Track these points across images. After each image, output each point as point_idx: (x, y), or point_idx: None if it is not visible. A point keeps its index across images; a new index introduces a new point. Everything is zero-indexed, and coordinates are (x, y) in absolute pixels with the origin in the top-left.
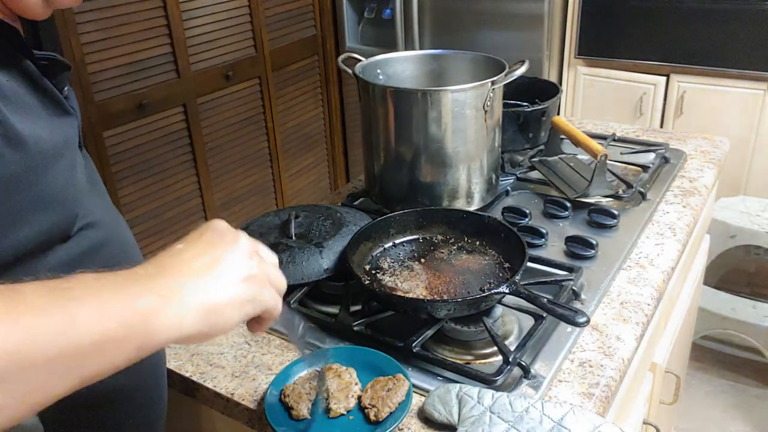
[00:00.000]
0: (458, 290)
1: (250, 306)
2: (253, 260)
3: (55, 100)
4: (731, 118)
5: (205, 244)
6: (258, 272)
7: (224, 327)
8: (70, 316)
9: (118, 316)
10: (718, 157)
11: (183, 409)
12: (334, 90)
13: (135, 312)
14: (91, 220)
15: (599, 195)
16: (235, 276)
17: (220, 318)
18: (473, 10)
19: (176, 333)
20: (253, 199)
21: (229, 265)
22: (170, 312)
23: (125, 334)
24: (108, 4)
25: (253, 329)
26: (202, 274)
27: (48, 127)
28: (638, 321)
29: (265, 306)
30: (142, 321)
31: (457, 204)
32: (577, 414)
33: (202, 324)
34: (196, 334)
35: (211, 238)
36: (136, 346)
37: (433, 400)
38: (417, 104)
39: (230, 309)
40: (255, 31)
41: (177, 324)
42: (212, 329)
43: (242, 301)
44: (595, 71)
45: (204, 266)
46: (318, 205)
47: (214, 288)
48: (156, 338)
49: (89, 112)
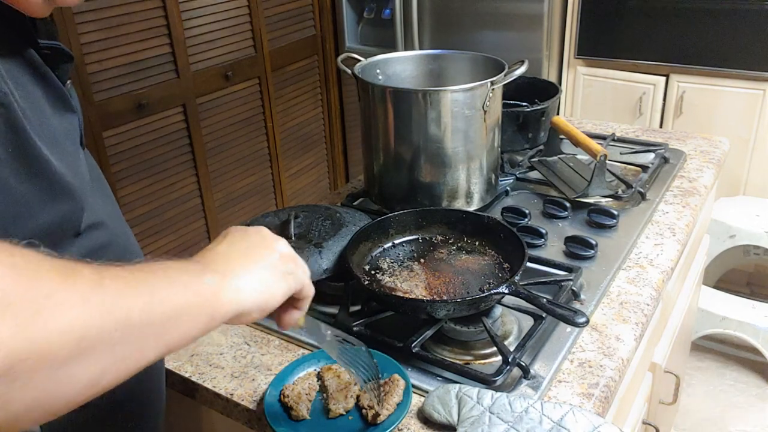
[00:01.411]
0: (458, 290)
1: (292, 278)
2: (280, 241)
3: (58, 93)
4: (731, 118)
5: (234, 238)
6: (288, 251)
7: (276, 298)
8: (151, 288)
9: (190, 288)
10: (717, 157)
11: (183, 410)
12: (333, 90)
13: (203, 285)
14: (96, 220)
15: (599, 195)
16: (271, 255)
17: (271, 289)
18: (473, 10)
19: (238, 305)
20: (253, 199)
21: (264, 248)
22: (230, 286)
23: (199, 304)
24: (108, 4)
25: (285, 320)
26: (245, 257)
27: (53, 118)
28: (638, 321)
29: (301, 281)
30: (212, 293)
31: (456, 204)
32: (576, 414)
33: (258, 296)
34: (254, 307)
35: (235, 234)
36: (208, 316)
37: (432, 401)
38: (416, 104)
39: (277, 280)
40: (254, 31)
41: (237, 296)
42: (267, 301)
43: (284, 273)
44: (595, 71)
45: (243, 252)
46: (317, 206)
47: (259, 265)
48: (223, 308)
49: (89, 112)
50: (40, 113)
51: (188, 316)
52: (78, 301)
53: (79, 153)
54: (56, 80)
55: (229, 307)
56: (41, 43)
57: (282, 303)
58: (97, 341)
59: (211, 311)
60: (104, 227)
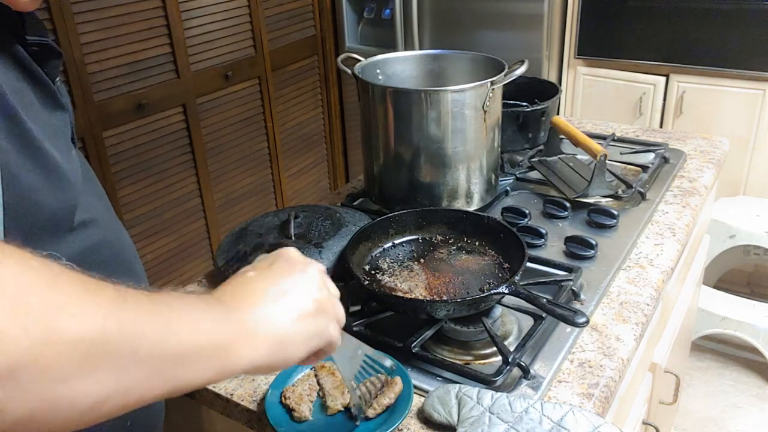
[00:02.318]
0: (458, 290)
1: (317, 340)
2: (323, 293)
3: (47, 90)
4: (731, 118)
5: (276, 274)
6: (327, 306)
7: (291, 360)
8: (169, 321)
9: (208, 334)
10: (717, 157)
11: (183, 410)
12: (333, 90)
13: (221, 336)
14: (89, 217)
15: (599, 195)
16: (305, 309)
17: (288, 352)
18: (473, 10)
19: (249, 364)
20: (253, 199)
21: (299, 297)
22: (246, 345)
23: (212, 353)
24: (108, 4)
25: (308, 361)
26: (275, 305)
27: (43, 114)
28: (638, 321)
29: (329, 340)
30: (225, 346)
31: (456, 204)
32: (576, 414)
33: (272, 356)
34: (265, 366)
35: (281, 267)
36: (218, 367)
37: (432, 401)
38: (416, 104)
39: (298, 344)
40: (254, 31)
41: (250, 356)
42: (280, 362)
43: (311, 335)
44: (595, 71)
45: (276, 296)
46: (317, 206)
47: (286, 321)
48: (233, 366)
49: (89, 112)
50: (31, 109)
51: (199, 361)
52: (94, 314)
53: (71, 150)
54: (45, 77)
55: (240, 364)
56: (29, 39)
57: None
58: (104, 360)
59: (222, 363)
60: (97, 225)
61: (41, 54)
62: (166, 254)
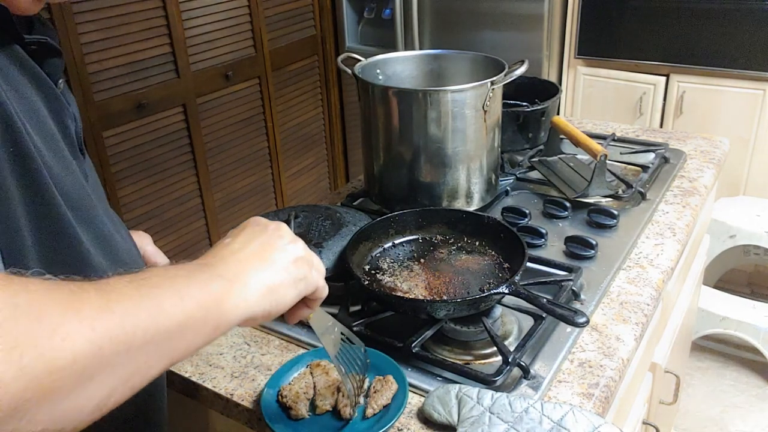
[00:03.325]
0: (458, 290)
1: (303, 284)
2: (298, 244)
3: (51, 94)
4: (731, 118)
5: (251, 234)
6: (304, 254)
7: (284, 303)
8: (156, 302)
9: (196, 299)
10: (717, 157)
11: (182, 410)
12: (333, 90)
13: (209, 295)
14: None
15: (599, 195)
16: (284, 258)
17: (279, 295)
18: (473, 10)
19: (244, 312)
20: (253, 199)
21: (278, 249)
22: (237, 293)
23: (204, 316)
24: (108, 4)
25: (293, 316)
26: (257, 258)
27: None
28: (638, 321)
29: (315, 284)
30: (216, 302)
31: (456, 204)
32: (576, 414)
33: (266, 302)
34: (261, 313)
35: (254, 229)
36: (213, 326)
37: (432, 401)
38: (416, 104)
39: (287, 287)
40: (255, 31)
41: (244, 304)
42: (274, 307)
43: (295, 279)
44: (595, 71)
45: (256, 252)
46: (317, 205)
47: (270, 270)
48: (228, 317)
49: (89, 112)
50: (36, 114)
51: (193, 327)
52: (83, 331)
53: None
54: (47, 79)
55: (235, 314)
56: (26, 38)
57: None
58: (103, 367)
59: (216, 321)
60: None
61: (40, 53)
62: (166, 254)
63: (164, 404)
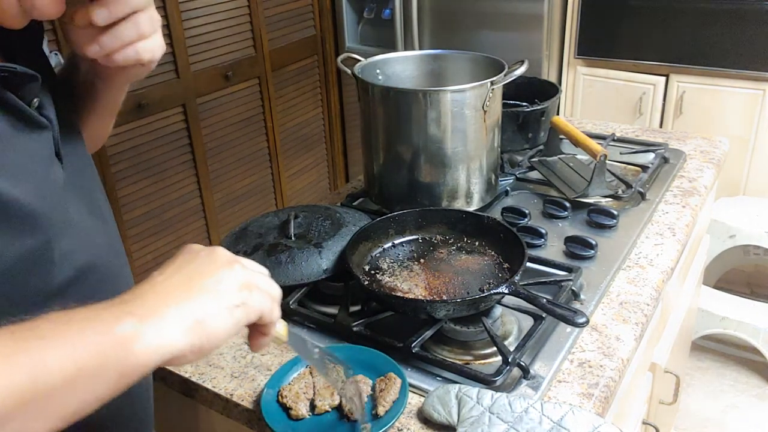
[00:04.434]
0: (457, 290)
1: (241, 311)
2: (233, 267)
3: (19, 114)
4: (730, 118)
5: (180, 264)
6: (241, 278)
7: (218, 336)
8: (37, 358)
9: (92, 347)
10: (717, 157)
11: (182, 410)
12: (333, 90)
13: (111, 339)
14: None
15: (599, 195)
16: (215, 285)
17: (209, 327)
18: (473, 10)
19: (163, 352)
20: (253, 199)
21: (207, 276)
22: (151, 332)
23: (101, 364)
24: None
25: (254, 345)
26: (182, 289)
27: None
28: (638, 321)
29: (258, 310)
30: (121, 346)
31: (456, 204)
32: (576, 414)
33: (191, 338)
34: (189, 350)
35: (184, 258)
36: (118, 373)
37: (432, 401)
38: (416, 104)
39: (218, 317)
40: (254, 31)
41: (161, 343)
42: (204, 340)
43: (230, 306)
44: (595, 71)
45: (182, 282)
46: (317, 206)
47: (197, 301)
48: (139, 360)
49: None
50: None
51: (88, 378)
52: None
53: (49, 174)
54: (16, 101)
55: (148, 356)
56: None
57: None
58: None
59: (122, 366)
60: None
61: (11, 81)
62: (166, 254)
63: (150, 405)
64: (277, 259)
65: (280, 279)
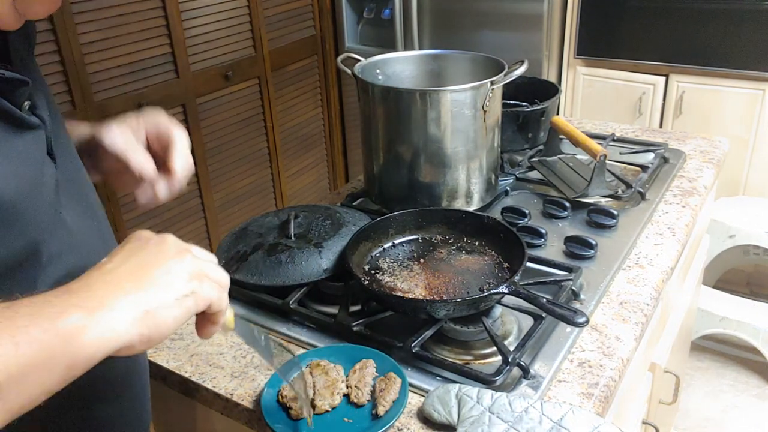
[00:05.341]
0: (457, 290)
1: (190, 300)
2: (184, 257)
3: (9, 117)
4: (730, 118)
5: (129, 252)
6: (191, 267)
7: (167, 326)
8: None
9: (37, 342)
10: (717, 157)
11: (182, 410)
12: (333, 90)
13: (57, 333)
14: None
15: (598, 195)
16: (164, 275)
17: (159, 317)
18: (472, 10)
19: (111, 343)
20: (253, 199)
21: (156, 265)
22: (99, 323)
23: (48, 358)
24: (107, 4)
25: (203, 333)
26: (130, 279)
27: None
28: (637, 321)
29: (207, 299)
30: (66, 339)
31: (456, 204)
32: (576, 414)
33: (141, 327)
34: (137, 340)
35: (133, 246)
36: (65, 366)
37: (432, 401)
38: (416, 104)
39: (167, 307)
40: (254, 31)
41: (109, 334)
42: (154, 331)
43: (179, 296)
44: (595, 71)
45: (130, 272)
46: (317, 206)
47: (146, 290)
48: (87, 351)
49: (89, 112)
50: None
51: (34, 373)
52: None
53: (42, 174)
54: (6, 105)
55: (97, 347)
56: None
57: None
58: None
59: (69, 358)
60: (75, 252)
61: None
62: None
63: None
64: (277, 259)
65: (280, 279)
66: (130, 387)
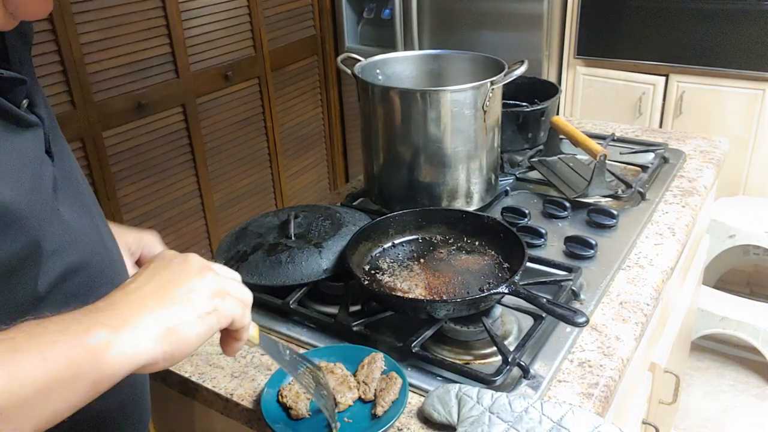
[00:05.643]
0: (457, 290)
1: (213, 318)
2: (206, 275)
3: (7, 116)
4: (730, 118)
5: (152, 272)
6: (213, 285)
7: (189, 343)
8: (10, 369)
9: (64, 357)
10: (717, 157)
11: (182, 409)
12: (333, 90)
13: (84, 349)
14: (62, 242)
15: (598, 195)
16: (187, 293)
17: (181, 335)
18: (472, 10)
19: (135, 360)
20: (253, 199)
21: (179, 284)
22: (124, 341)
23: (74, 374)
24: (107, 4)
25: (228, 350)
26: (154, 297)
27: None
28: (637, 321)
29: (230, 316)
30: (93, 356)
31: (456, 204)
32: (576, 414)
33: (163, 345)
34: (161, 356)
35: (157, 265)
36: (90, 382)
37: (432, 401)
38: (416, 104)
39: (189, 324)
40: (254, 31)
41: (132, 351)
42: (176, 348)
43: (201, 314)
44: (595, 71)
45: (154, 290)
46: (317, 206)
47: (170, 308)
48: (112, 368)
49: (89, 112)
50: None
51: (61, 388)
52: None
53: (41, 172)
54: (5, 104)
55: (121, 364)
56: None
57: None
58: None
59: (95, 375)
60: (72, 249)
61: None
62: None
63: (147, 401)
64: (277, 259)
65: (280, 279)
66: (130, 386)
